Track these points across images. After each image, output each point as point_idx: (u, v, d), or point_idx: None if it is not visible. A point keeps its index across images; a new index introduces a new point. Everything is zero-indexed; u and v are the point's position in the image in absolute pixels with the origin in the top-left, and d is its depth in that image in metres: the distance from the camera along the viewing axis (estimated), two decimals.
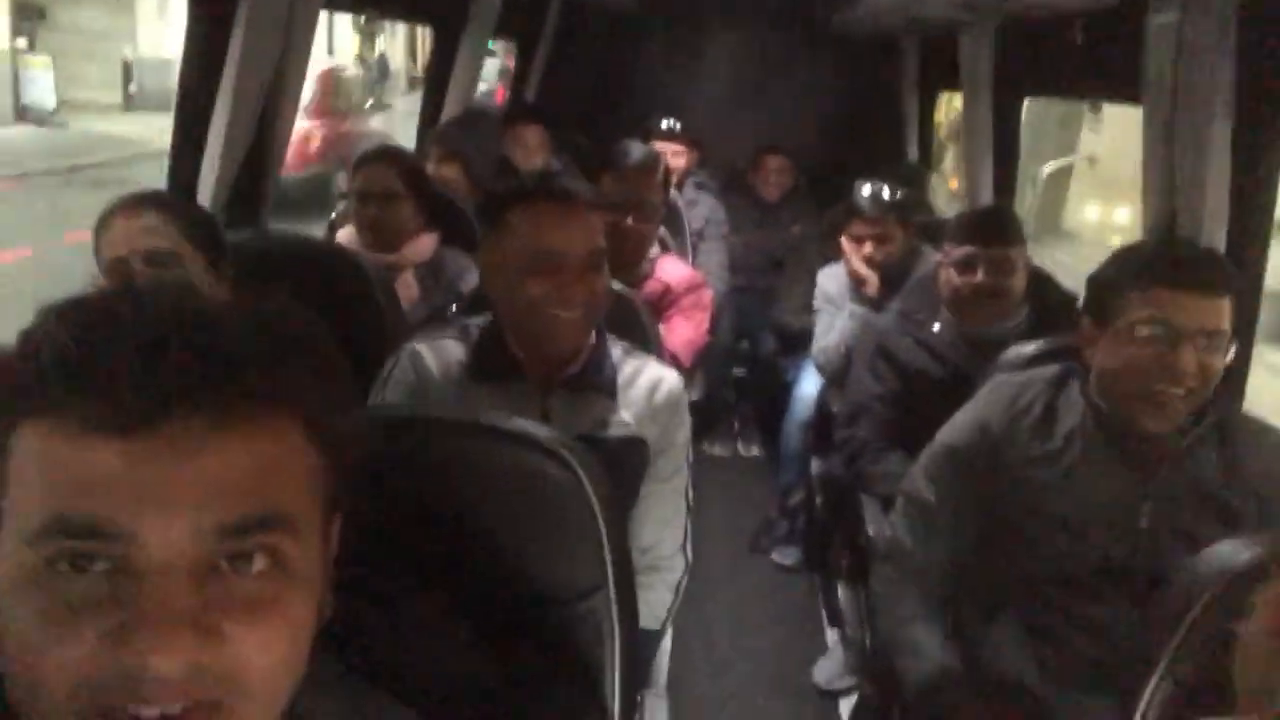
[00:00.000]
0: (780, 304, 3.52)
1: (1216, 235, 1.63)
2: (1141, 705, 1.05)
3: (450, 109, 3.50)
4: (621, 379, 1.49)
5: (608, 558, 1.01)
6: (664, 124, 3.97)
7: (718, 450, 4.11)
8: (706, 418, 3.90)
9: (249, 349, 0.54)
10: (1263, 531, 1.21)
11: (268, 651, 0.55)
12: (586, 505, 1.01)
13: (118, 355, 0.52)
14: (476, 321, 1.50)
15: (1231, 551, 1.00)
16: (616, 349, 1.53)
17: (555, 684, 0.98)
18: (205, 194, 1.94)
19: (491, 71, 12.03)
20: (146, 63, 14.39)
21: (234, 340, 0.54)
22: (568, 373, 1.44)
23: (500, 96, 9.72)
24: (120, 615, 0.51)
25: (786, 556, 3.28)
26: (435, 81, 3.54)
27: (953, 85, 3.75)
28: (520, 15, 3.98)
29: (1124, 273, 1.46)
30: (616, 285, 1.69)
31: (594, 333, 1.48)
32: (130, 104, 14.64)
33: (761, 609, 3.03)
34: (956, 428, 1.62)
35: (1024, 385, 1.59)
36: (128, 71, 14.76)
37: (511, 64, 5.10)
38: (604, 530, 1.01)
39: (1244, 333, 1.56)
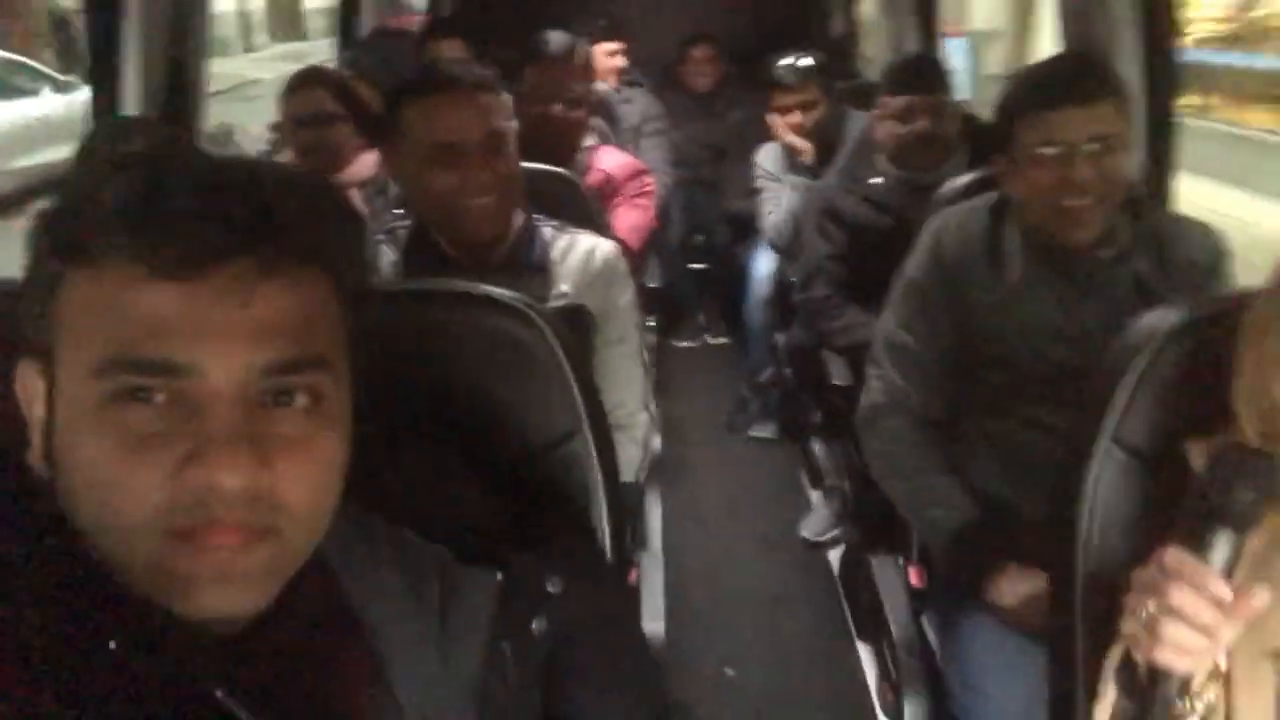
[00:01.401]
0: (727, 192, 3.57)
1: (1131, 45, 1.69)
2: (1089, 475, 1.12)
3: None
4: (555, 254, 1.52)
5: (579, 403, 1.07)
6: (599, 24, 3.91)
7: (686, 343, 4.20)
8: (671, 312, 3.99)
9: (291, 208, 0.60)
10: None
11: (310, 482, 0.60)
12: (553, 356, 1.06)
13: (178, 207, 0.56)
14: (402, 223, 1.52)
15: (1159, 316, 1.07)
16: (547, 228, 1.55)
17: (551, 524, 1.05)
18: None
19: None
20: None
21: (279, 199, 0.59)
22: (497, 256, 1.47)
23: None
24: (188, 443, 0.56)
25: (764, 430, 3.39)
26: (347, 4, 3.48)
27: None
28: None
29: (1012, 101, 1.53)
30: (559, 170, 1.72)
31: (521, 214, 1.51)
32: None
33: (746, 479, 3.16)
34: (913, 265, 1.68)
35: (967, 214, 1.66)
36: None
37: None
38: (572, 378, 1.06)
39: (1165, 125, 1.63)
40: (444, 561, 0.77)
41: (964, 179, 1.91)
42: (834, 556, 2.66)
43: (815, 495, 2.95)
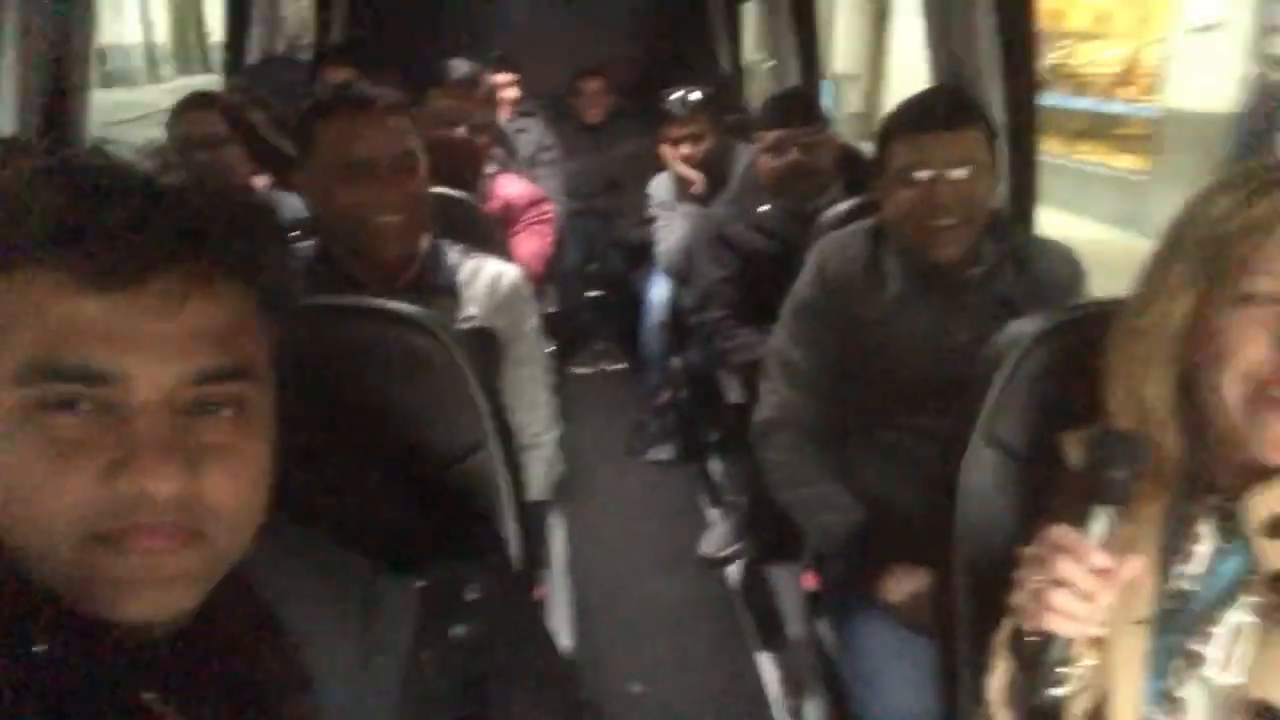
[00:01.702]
0: (621, 221, 3.65)
1: (994, 79, 1.84)
2: (965, 474, 1.22)
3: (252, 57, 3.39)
4: (463, 277, 1.54)
5: (485, 417, 1.11)
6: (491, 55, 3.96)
7: (584, 369, 4.24)
8: (568, 340, 4.03)
9: (220, 221, 0.61)
10: None
11: (237, 488, 0.62)
12: (459, 372, 1.09)
13: (110, 218, 0.57)
14: (304, 245, 1.52)
15: (1023, 325, 1.18)
16: (453, 251, 1.57)
17: (461, 534, 1.08)
18: None
19: None
20: None
21: (208, 213, 0.61)
22: (405, 279, 1.48)
23: None
24: (115, 450, 0.57)
25: (662, 452, 3.46)
26: (234, 30, 3.42)
27: None
28: None
29: (885, 128, 1.66)
30: (459, 194, 1.75)
31: (428, 237, 1.52)
32: None
33: (646, 501, 3.22)
34: (801, 286, 1.78)
35: (849, 237, 1.77)
36: None
37: None
38: (478, 393, 1.10)
39: (1026, 158, 1.79)
40: (364, 571, 0.79)
41: (844, 205, 2.04)
42: (734, 572, 2.74)
43: (713, 513, 3.04)
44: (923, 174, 1.57)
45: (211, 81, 4.54)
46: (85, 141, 2.06)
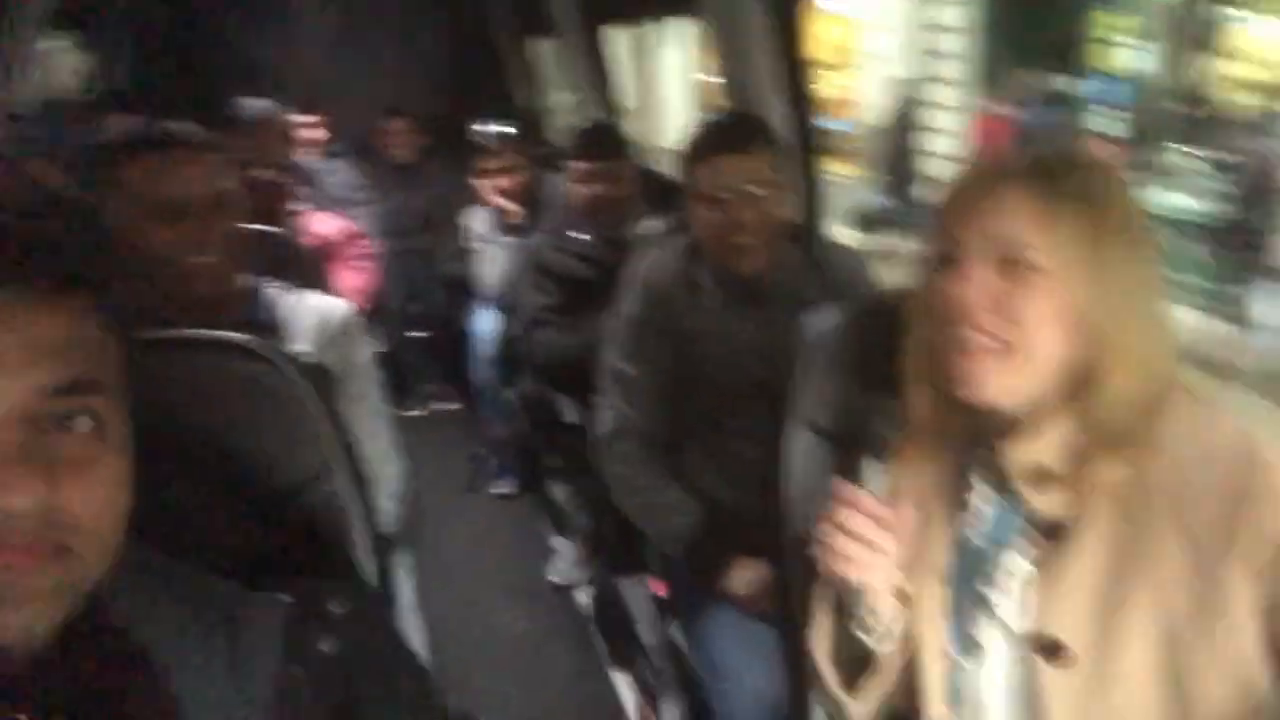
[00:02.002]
0: (441, 258, 3.64)
1: (774, 102, 1.99)
2: (786, 461, 1.31)
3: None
4: (285, 312, 1.51)
5: (328, 443, 1.10)
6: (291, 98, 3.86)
7: (415, 412, 4.16)
8: (396, 383, 3.94)
9: (64, 234, 0.61)
10: None
11: (99, 502, 0.60)
12: (296, 398, 1.08)
13: None
14: None
15: (820, 319, 1.29)
16: (272, 289, 1.54)
17: (314, 559, 1.06)
18: None
19: None
20: None
21: (51, 225, 0.60)
22: (225, 318, 1.42)
23: None
24: None
25: (504, 486, 3.46)
26: None
27: (547, 29, 4.02)
28: (79, 5, 3.68)
29: (689, 149, 1.76)
30: (276, 230, 1.71)
31: (246, 276, 1.49)
32: None
33: (491, 535, 3.21)
34: (625, 303, 1.85)
35: (666, 253, 1.86)
36: None
37: None
38: (317, 415, 1.09)
39: (812, 173, 1.94)
40: (228, 591, 0.78)
41: (657, 226, 2.13)
42: (583, 596, 2.77)
43: (560, 540, 3.05)
44: (724, 194, 1.67)
45: None
46: None
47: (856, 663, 1.02)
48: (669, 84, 9.33)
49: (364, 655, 0.83)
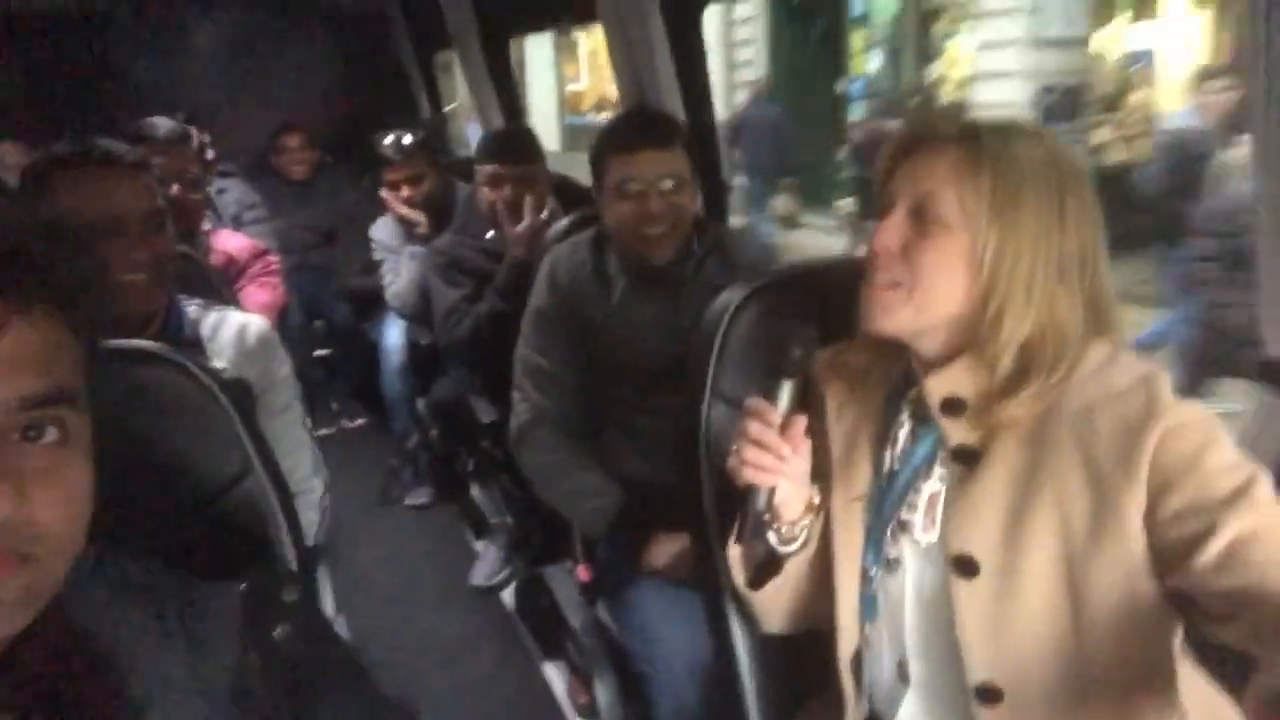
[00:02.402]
0: (343, 272, 3.61)
1: (673, 101, 2.10)
2: (701, 434, 1.39)
3: None
4: (206, 331, 1.53)
5: (247, 444, 1.13)
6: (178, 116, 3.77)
7: (323, 430, 4.10)
8: (302, 402, 3.88)
9: (39, 248, 0.61)
10: None
11: (63, 510, 0.62)
12: (216, 403, 1.11)
13: None
14: None
15: (726, 296, 1.39)
16: (191, 306, 1.55)
17: (241, 560, 1.09)
18: None
19: None
20: None
21: (28, 240, 0.61)
22: (146, 336, 1.43)
23: None
24: None
25: (420, 496, 3.45)
26: None
27: (446, 42, 4.04)
28: None
29: (600, 147, 1.84)
30: (183, 248, 1.71)
31: (169, 293, 1.49)
32: None
33: (410, 546, 3.20)
34: (536, 297, 1.91)
35: (573, 247, 1.93)
36: None
37: None
38: (237, 421, 1.12)
39: (713, 166, 2.04)
40: (183, 583, 0.80)
41: (564, 221, 2.20)
42: (508, 596, 2.80)
43: (480, 545, 3.08)
44: (638, 187, 1.76)
45: None
46: None
47: (761, 567, 1.14)
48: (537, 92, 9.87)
49: (309, 643, 0.86)
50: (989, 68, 8.57)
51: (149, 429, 1.07)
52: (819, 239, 8.97)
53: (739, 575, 1.17)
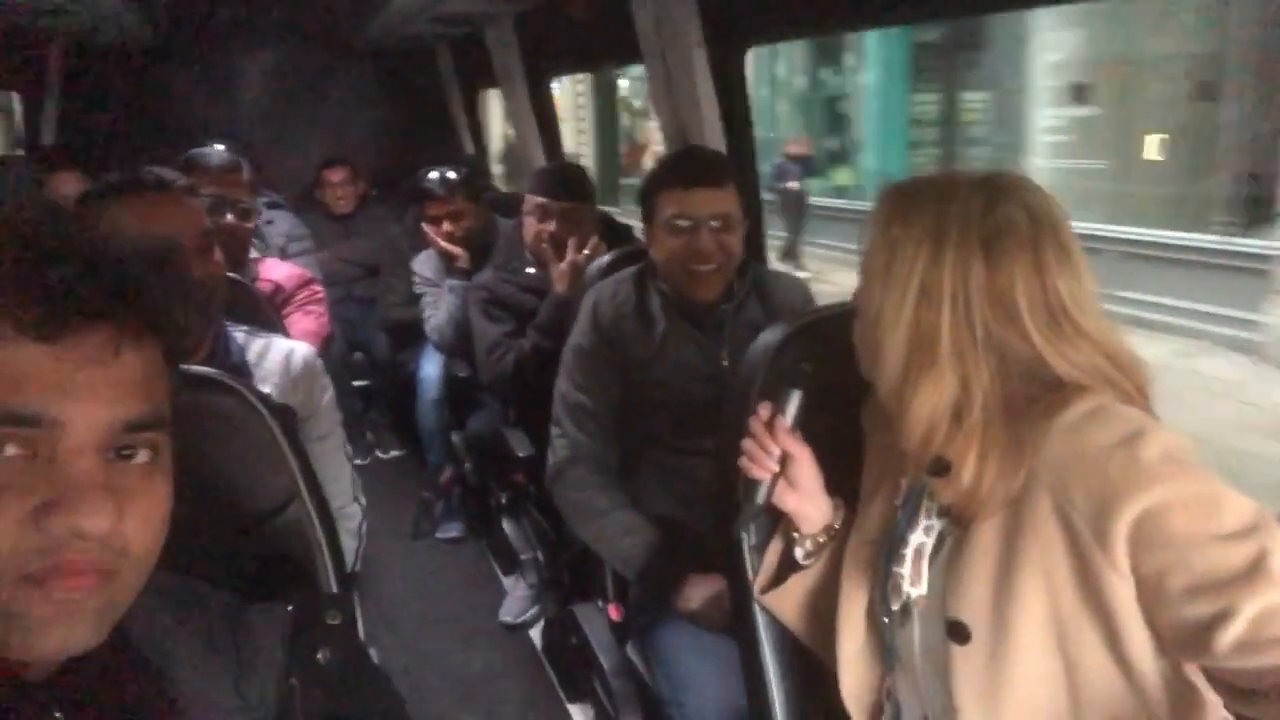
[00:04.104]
0: (384, 304, 3.65)
1: (715, 139, 2.11)
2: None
3: None
4: (252, 356, 1.55)
5: (295, 469, 1.13)
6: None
7: (358, 460, 4.11)
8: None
9: (148, 279, 0.65)
10: None
11: (150, 530, 0.65)
12: (267, 429, 1.12)
13: (57, 273, 0.60)
14: None
15: (767, 335, 1.38)
16: (239, 332, 1.57)
17: (283, 584, 1.09)
18: None
19: None
20: None
21: (138, 271, 0.65)
22: (195, 360, 1.44)
23: None
24: (44, 493, 0.59)
25: (451, 530, 3.44)
26: None
27: (489, 80, 4.13)
28: (19, 62, 3.68)
29: (654, 181, 1.85)
30: (232, 275, 1.73)
31: (218, 319, 1.51)
32: None
33: (440, 580, 3.18)
34: (577, 333, 1.91)
35: (617, 284, 1.93)
36: None
37: None
38: (286, 447, 1.13)
39: (754, 210, 2.04)
40: (232, 604, 0.82)
41: (605, 258, 2.21)
42: (536, 634, 2.78)
43: (509, 581, 3.06)
44: (687, 224, 1.76)
45: None
46: None
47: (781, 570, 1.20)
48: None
49: (350, 669, 0.87)
50: None
51: (203, 452, 1.08)
52: None
53: (758, 574, 1.24)
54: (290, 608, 0.82)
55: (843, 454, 1.18)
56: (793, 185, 10.03)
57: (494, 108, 7.68)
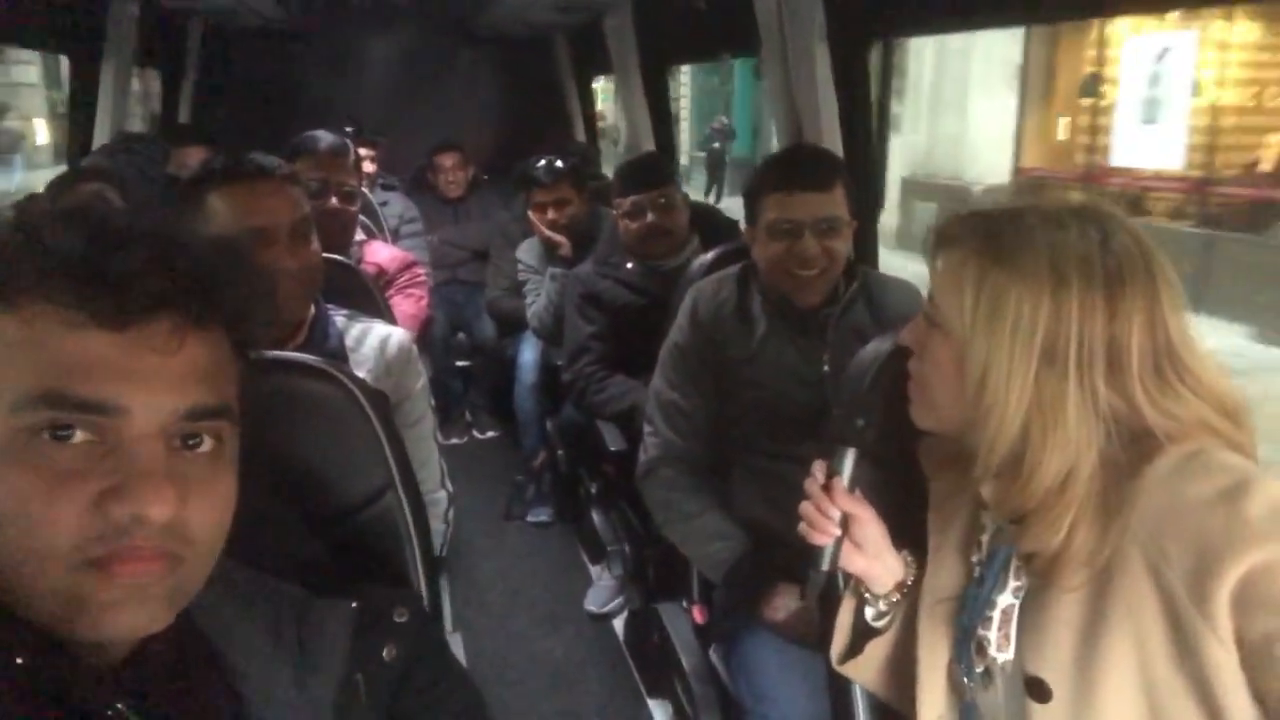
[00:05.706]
0: (490, 289, 3.71)
1: (834, 139, 2.04)
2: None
3: (101, 138, 3.30)
4: (350, 341, 1.56)
5: (390, 460, 1.13)
6: (347, 129, 3.98)
7: (455, 440, 4.21)
8: (439, 410, 3.99)
9: (216, 269, 0.66)
10: None
11: (213, 517, 0.66)
12: (365, 418, 1.12)
13: (125, 262, 0.61)
14: None
15: (875, 345, 1.32)
16: (339, 316, 1.59)
17: (371, 573, 1.10)
18: None
19: None
20: None
21: (207, 261, 0.66)
22: (293, 344, 1.48)
23: None
24: (110, 478, 0.60)
25: (541, 514, 3.47)
26: (80, 112, 3.33)
27: (604, 68, 4.13)
28: (160, 41, 3.86)
29: (758, 183, 1.80)
30: (339, 258, 1.77)
31: (314, 303, 1.54)
32: None
33: (527, 563, 3.21)
34: (675, 332, 1.88)
35: (718, 283, 1.90)
36: None
37: None
38: (383, 436, 1.13)
39: (869, 211, 1.97)
40: (300, 598, 0.82)
41: (709, 256, 2.17)
42: (619, 625, 2.77)
43: (596, 570, 3.07)
44: (788, 226, 1.71)
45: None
46: None
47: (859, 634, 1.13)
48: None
49: (418, 666, 0.86)
50: None
51: (299, 440, 1.09)
52: None
53: (834, 641, 1.16)
54: (354, 604, 0.81)
55: (895, 494, 1.13)
56: (715, 147, 14.89)
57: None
